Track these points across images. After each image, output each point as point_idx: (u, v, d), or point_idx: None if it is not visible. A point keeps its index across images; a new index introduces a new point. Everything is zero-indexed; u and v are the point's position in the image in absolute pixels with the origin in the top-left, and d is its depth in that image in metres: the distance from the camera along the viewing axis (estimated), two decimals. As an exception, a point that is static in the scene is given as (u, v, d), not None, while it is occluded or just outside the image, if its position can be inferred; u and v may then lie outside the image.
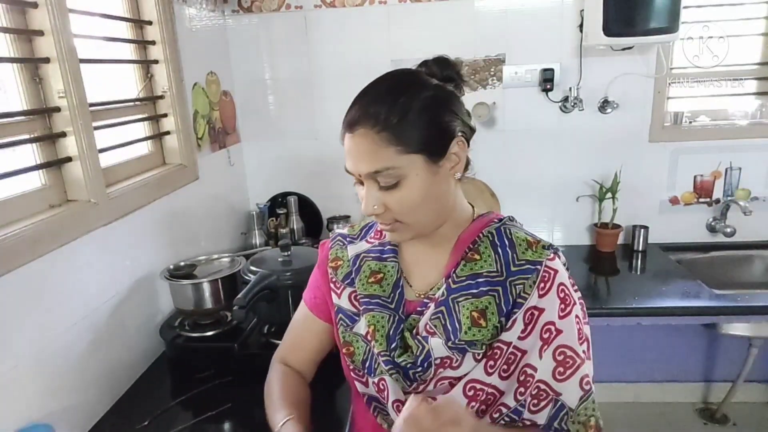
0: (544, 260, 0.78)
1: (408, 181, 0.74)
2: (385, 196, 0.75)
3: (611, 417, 2.34)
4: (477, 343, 0.77)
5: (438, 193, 0.77)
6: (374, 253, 0.89)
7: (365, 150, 0.73)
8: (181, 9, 1.70)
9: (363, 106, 0.75)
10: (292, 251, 1.41)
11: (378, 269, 0.87)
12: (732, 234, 2.12)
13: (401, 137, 0.72)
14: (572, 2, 1.97)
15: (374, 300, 0.85)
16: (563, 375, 0.75)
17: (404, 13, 2.03)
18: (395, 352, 0.81)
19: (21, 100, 1.09)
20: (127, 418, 1.16)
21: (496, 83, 2.08)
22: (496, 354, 0.77)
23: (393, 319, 0.83)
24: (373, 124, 0.73)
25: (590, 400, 0.77)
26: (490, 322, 0.77)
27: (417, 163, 0.74)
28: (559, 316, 0.76)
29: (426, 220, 0.79)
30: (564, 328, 0.76)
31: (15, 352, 0.97)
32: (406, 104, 0.73)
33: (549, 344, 0.75)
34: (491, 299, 0.77)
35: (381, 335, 0.82)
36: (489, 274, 0.78)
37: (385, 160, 0.73)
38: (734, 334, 1.99)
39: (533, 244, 0.80)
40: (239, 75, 2.14)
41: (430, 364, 0.79)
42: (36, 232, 1.02)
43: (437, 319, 0.79)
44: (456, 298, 0.79)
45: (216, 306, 1.38)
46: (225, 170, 2.05)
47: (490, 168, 2.11)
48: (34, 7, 1.08)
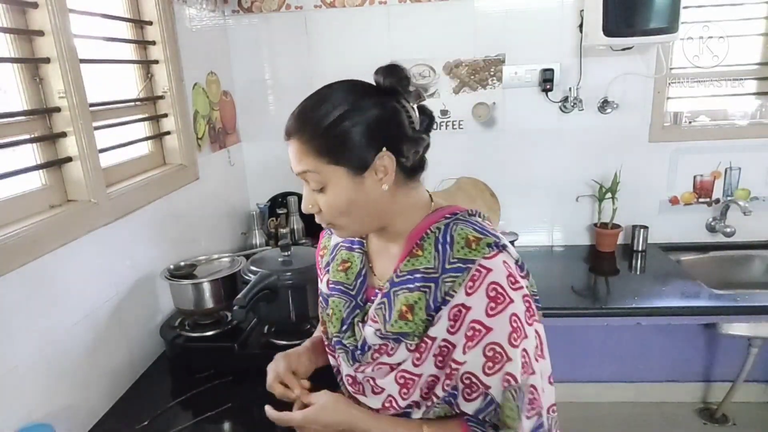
0: (479, 259, 0.78)
1: (330, 188, 0.80)
2: (318, 198, 0.82)
3: (611, 417, 2.34)
4: (408, 334, 0.82)
5: (364, 202, 0.81)
6: (347, 243, 0.96)
7: (295, 155, 0.81)
8: (181, 9, 1.70)
9: (295, 117, 0.82)
10: (292, 251, 1.41)
11: (347, 258, 0.94)
12: (732, 234, 2.12)
13: (322, 150, 0.78)
14: (572, 2, 1.97)
15: (338, 286, 0.93)
16: (492, 370, 0.77)
17: (404, 13, 2.03)
18: (345, 334, 0.90)
19: (21, 100, 1.09)
20: (127, 418, 1.16)
21: (496, 83, 2.08)
22: (422, 347, 0.81)
23: (350, 305, 0.91)
24: (300, 135, 0.80)
25: (506, 398, 0.77)
26: (416, 316, 0.81)
27: (338, 173, 0.79)
28: (487, 314, 0.77)
29: (356, 224, 0.84)
30: (494, 325, 0.76)
31: (15, 352, 0.97)
32: (333, 118, 0.78)
33: (475, 341, 0.77)
34: (422, 295, 0.81)
35: (336, 318, 0.92)
36: (426, 270, 0.82)
37: (309, 165, 0.80)
38: (734, 334, 1.99)
39: (473, 242, 0.80)
40: (239, 75, 2.14)
41: (369, 348, 0.87)
42: (36, 232, 1.02)
43: (380, 309, 0.85)
44: (396, 291, 0.84)
45: (216, 306, 1.38)
46: (225, 170, 2.06)
47: (490, 168, 2.11)
48: (34, 7, 1.08)
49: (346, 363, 0.91)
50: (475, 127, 2.14)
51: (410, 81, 0.84)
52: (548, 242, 2.27)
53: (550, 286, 1.88)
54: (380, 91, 0.82)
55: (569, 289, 1.91)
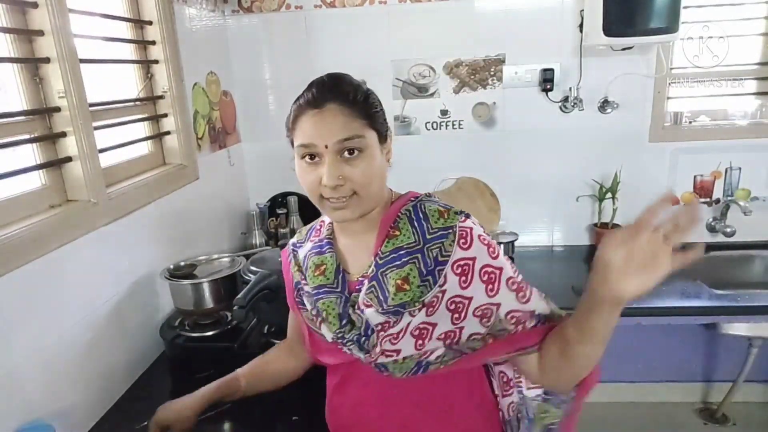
0: (457, 223, 0.87)
1: (367, 153, 0.84)
2: (346, 169, 0.83)
3: (611, 417, 2.34)
4: (408, 303, 0.85)
5: (382, 172, 0.89)
6: (315, 250, 0.99)
7: (337, 121, 0.82)
8: (181, 9, 1.70)
9: (329, 87, 0.84)
10: (292, 251, 1.41)
11: (320, 262, 0.96)
12: (732, 234, 2.12)
13: (367, 113, 0.85)
14: (572, 2, 1.97)
15: (322, 289, 0.94)
16: (525, 298, 0.87)
17: (404, 13, 2.03)
18: (345, 329, 0.91)
19: (21, 100, 1.09)
20: (127, 418, 1.16)
21: (496, 83, 2.08)
22: (434, 302, 0.85)
23: (341, 300, 0.93)
24: (344, 100, 0.83)
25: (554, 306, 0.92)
26: (413, 284, 0.85)
27: (374, 139, 0.86)
28: (491, 258, 0.85)
29: (374, 194, 0.88)
30: (502, 265, 0.86)
31: (15, 351, 0.97)
32: (366, 90, 0.87)
33: (496, 281, 0.85)
34: (412, 266, 0.86)
35: (333, 316, 0.92)
36: (409, 245, 0.87)
37: (356, 128, 0.83)
38: (734, 334, 1.98)
39: (444, 212, 0.88)
40: (239, 75, 2.14)
41: (372, 331, 0.88)
42: (36, 232, 1.02)
43: (371, 292, 0.88)
44: (384, 272, 0.87)
45: (216, 306, 1.38)
46: (225, 170, 2.06)
47: (490, 168, 2.11)
48: (34, 7, 1.08)
49: (360, 354, 0.90)
50: (475, 127, 2.14)
51: None
52: (548, 242, 2.27)
53: (550, 286, 1.85)
54: None
55: (569, 289, 1.91)
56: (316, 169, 0.84)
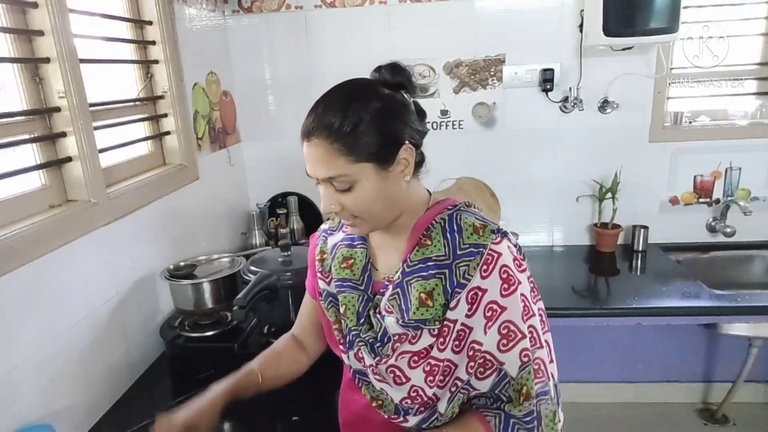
0: (489, 244, 0.83)
1: (360, 186, 0.81)
2: (341, 197, 0.83)
3: (611, 417, 2.34)
4: (429, 320, 0.84)
5: (388, 194, 0.84)
6: (347, 242, 0.97)
7: (320, 158, 0.80)
8: (181, 9, 1.70)
9: (317, 117, 0.80)
10: (292, 251, 1.41)
11: (349, 255, 0.96)
12: (732, 234, 2.12)
13: (352, 148, 0.79)
14: (572, 2, 1.97)
15: (346, 283, 0.94)
16: (506, 347, 0.82)
17: (404, 13, 2.03)
18: (362, 328, 0.91)
19: (21, 100, 1.09)
20: (127, 418, 1.16)
21: (496, 83, 2.08)
22: (445, 331, 0.83)
23: (362, 299, 0.92)
24: (327, 135, 0.79)
25: (527, 371, 0.83)
26: (436, 302, 0.83)
27: (367, 170, 0.80)
28: (501, 295, 0.82)
29: (380, 216, 0.86)
30: (508, 305, 0.82)
31: (16, 352, 0.97)
32: (356, 116, 0.79)
33: (493, 321, 0.81)
34: (438, 281, 0.83)
35: (352, 313, 0.92)
36: (438, 258, 0.85)
37: (338, 169, 0.79)
38: (734, 334, 1.98)
39: (480, 229, 0.85)
40: (239, 75, 2.14)
41: (389, 339, 0.87)
42: (36, 232, 1.02)
43: (394, 299, 0.87)
44: (409, 281, 0.86)
45: (216, 306, 1.38)
46: (225, 170, 2.05)
47: (490, 168, 2.11)
48: (34, 7, 1.08)
49: (368, 356, 0.90)
50: (475, 127, 2.14)
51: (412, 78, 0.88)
52: (548, 242, 2.27)
53: (550, 286, 1.88)
54: (390, 87, 0.85)
55: (569, 289, 1.91)
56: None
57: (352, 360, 0.94)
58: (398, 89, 0.86)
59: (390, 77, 0.85)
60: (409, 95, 0.87)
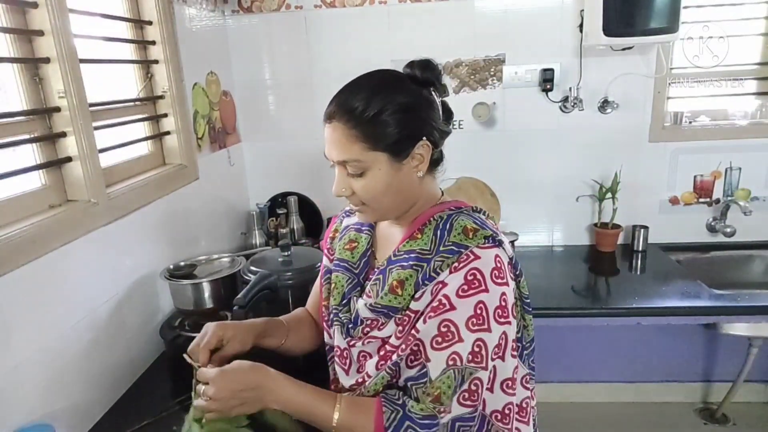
0: (472, 246, 0.82)
1: (371, 173, 0.83)
2: (352, 182, 0.85)
3: (611, 417, 2.34)
4: (397, 309, 0.85)
5: (399, 187, 0.86)
6: (356, 225, 1.01)
7: (337, 140, 0.82)
8: (181, 9, 1.70)
9: (341, 101, 0.83)
10: (292, 251, 1.41)
11: (354, 239, 1.00)
12: (732, 234, 2.12)
13: (369, 136, 0.81)
14: (572, 2, 1.97)
15: (342, 263, 0.98)
16: (439, 345, 0.80)
17: (404, 13, 2.03)
18: (342, 308, 0.95)
19: (21, 100, 1.09)
20: (127, 418, 1.16)
21: (496, 83, 2.08)
22: (405, 321, 0.85)
23: (351, 282, 0.95)
24: (347, 120, 0.81)
25: (447, 376, 0.79)
26: (405, 291, 0.85)
27: (381, 160, 0.82)
28: (457, 294, 0.80)
29: (388, 207, 0.88)
30: (458, 305, 0.80)
31: (15, 352, 0.97)
32: (379, 106, 0.81)
33: (437, 313, 0.80)
34: (414, 272, 0.85)
35: (338, 293, 0.96)
36: (421, 251, 0.86)
37: (352, 153, 0.81)
38: (734, 334, 1.99)
39: (470, 232, 0.84)
40: (239, 75, 2.14)
41: (360, 322, 0.90)
42: (36, 232, 1.02)
43: (375, 284, 0.90)
44: (390, 269, 0.88)
45: (216, 306, 1.38)
46: (225, 170, 2.05)
47: (490, 168, 2.11)
48: (34, 7, 1.08)
49: (340, 336, 0.94)
50: (475, 127, 2.14)
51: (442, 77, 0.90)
52: (548, 242, 2.27)
53: (550, 286, 1.88)
54: (418, 83, 0.87)
55: (569, 289, 1.91)
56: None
57: (328, 338, 1.00)
58: (427, 86, 0.87)
59: (420, 73, 0.87)
60: (438, 94, 0.88)
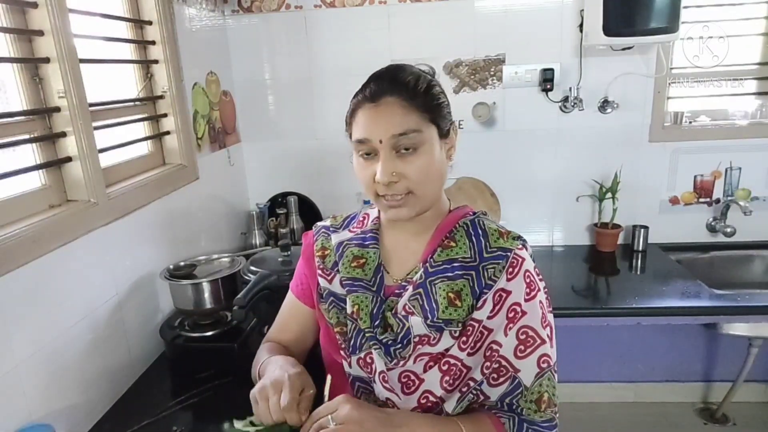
0: (514, 249, 0.85)
1: (424, 149, 0.82)
2: (402, 164, 0.81)
3: (611, 417, 2.34)
4: (453, 321, 0.83)
5: (441, 170, 0.86)
6: (357, 241, 0.96)
7: (394, 114, 0.80)
8: (181, 9, 1.70)
9: (389, 80, 0.82)
10: (292, 251, 1.41)
11: (360, 255, 0.93)
12: (732, 234, 2.12)
13: (425, 106, 0.82)
14: (572, 2, 1.97)
15: (357, 282, 0.91)
16: (523, 353, 0.81)
17: (404, 13, 2.03)
18: (377, 330, 0.88)
19: (21, 100, 1.09)
20: (127, 418, 1.16)
21: (496, 83, 2.08)
22: (468, 331, 0.83)
23: (375, 300, 0.89)
24: (405, 92, 0.81)
25: (545, 377, 0.82)
26: (464, 302, 0.83)
27: (433, 134, 0.83)
28: (524, 299, 0.83)
29: (430, 194, 0.86)
30: (528, 310, 0.82)
31: (15, 352, 0.97)
32: (428, 81, 0.84)
33: (514, 323, 0.82)
34: (465, 282, 0.84)
35: (365, 314, 0.89)
36: (464, 259, 0.85)
37: (413, 123, 0.80)
38: (734, 334, 1.99)
39: (504, 235, 0.88)
40: (239, 75, 2.14)
41: (409, 341, 0.85)
42: (36, 232, 1.02)
43: (415, 300, 0.85)
44: (433, 281, 0.85)
45: (216, 306, 1.38)
46: (225, 170, 2.05)
47: (490, 168, 2.11)
48: (34, 7, 1.08)
49: (380, 360, 0.86)
50: (475, 127, 2.14)
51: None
52: (548, 242, 2.27)
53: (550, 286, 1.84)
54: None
55: (569, 289, 1.91)
56: (371, 165, 0.83)
57: (354, 367, 0.89)
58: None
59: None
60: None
